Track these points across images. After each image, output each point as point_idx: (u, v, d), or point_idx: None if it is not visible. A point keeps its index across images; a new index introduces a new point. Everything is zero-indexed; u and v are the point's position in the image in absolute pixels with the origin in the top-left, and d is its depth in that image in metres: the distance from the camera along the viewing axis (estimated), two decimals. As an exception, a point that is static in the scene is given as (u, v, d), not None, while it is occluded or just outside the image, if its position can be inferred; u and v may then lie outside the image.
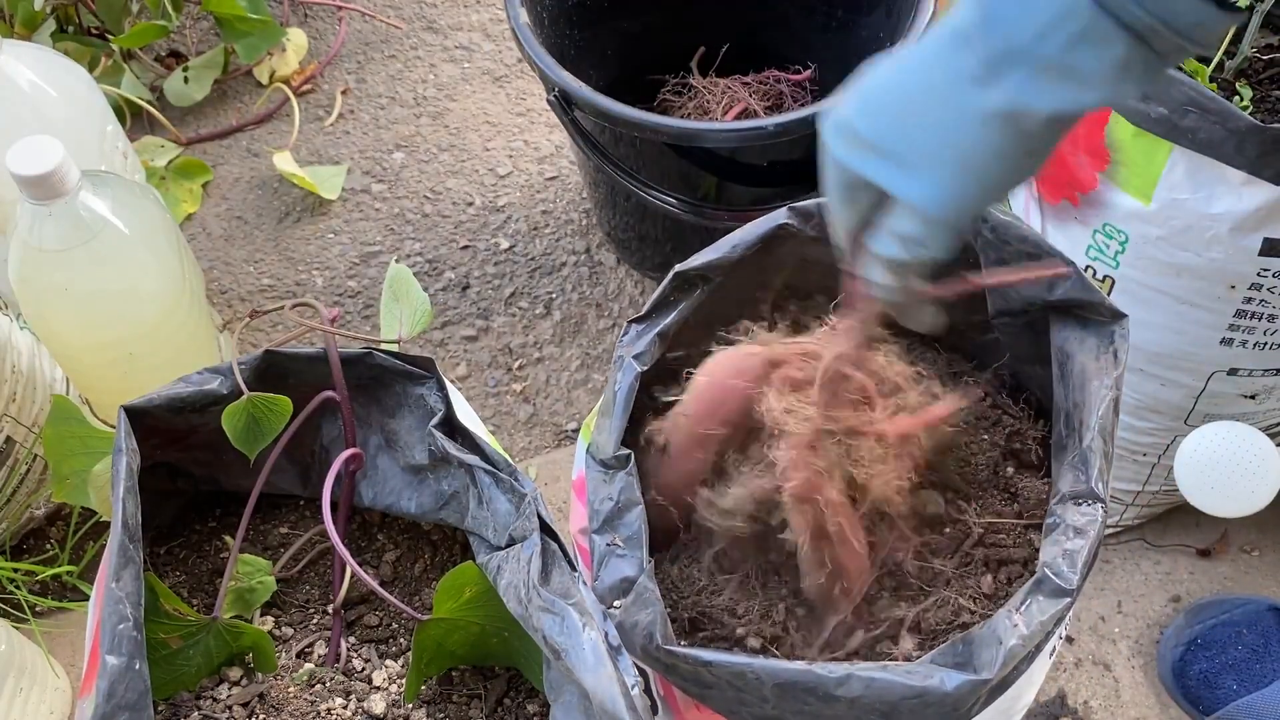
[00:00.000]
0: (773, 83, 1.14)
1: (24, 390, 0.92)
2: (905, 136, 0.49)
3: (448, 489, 0.69)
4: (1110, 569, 0.99)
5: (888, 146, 0.50)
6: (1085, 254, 0.81)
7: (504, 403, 1.12)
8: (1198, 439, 0.78)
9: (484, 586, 0.65)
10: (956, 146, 0.48)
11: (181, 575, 0.74)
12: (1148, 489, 0.95)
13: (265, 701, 0.67)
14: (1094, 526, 0.58)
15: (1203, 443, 0.78)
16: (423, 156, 1.30)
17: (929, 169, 0.49)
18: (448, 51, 1.40)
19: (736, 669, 0.55)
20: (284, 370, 0.70)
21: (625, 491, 0.61)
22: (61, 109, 0.94)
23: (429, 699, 0.69)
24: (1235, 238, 0.73)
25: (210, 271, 1.21)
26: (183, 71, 1.33)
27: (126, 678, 0.56)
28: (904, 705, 0.53)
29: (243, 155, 1.31)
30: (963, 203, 0.50)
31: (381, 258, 1.21)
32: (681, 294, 0.68)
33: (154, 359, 0.90)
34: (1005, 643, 0.53)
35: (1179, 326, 0.80)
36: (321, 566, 0.75)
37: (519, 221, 1.24)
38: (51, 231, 0.81)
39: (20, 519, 0.97)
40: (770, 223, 0.68)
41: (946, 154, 0.48)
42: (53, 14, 1.25)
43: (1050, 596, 0.55)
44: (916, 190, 0.50)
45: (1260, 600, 0.93)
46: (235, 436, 0.67)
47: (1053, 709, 0.92)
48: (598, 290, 1.18)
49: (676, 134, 0.93)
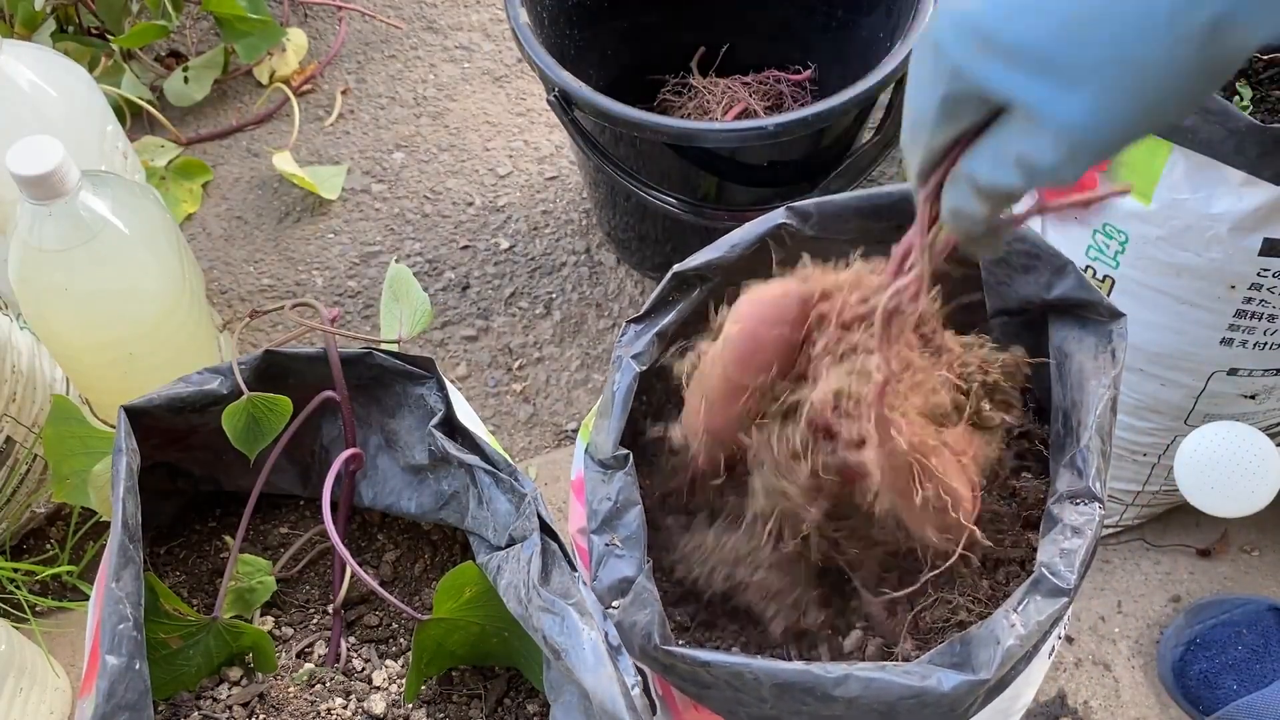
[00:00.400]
0: (773, 83, 1.15)
1: (24, 390, 0.92)
2: (1070, 44, 0.42)
3: (448, 489, 0.69)
4: (1110, 569, 0.99)
5: (1042, 55, 0.42)
6: (1085, 254, 0.81)
7: (504, 403, 1.12)
8: (1198, 439, 0.78)
9: (484, 586, 0.65)
10: (1137, 61, 0.41)
11: (181, 575, 0.74)
12: (1148, 489, 0.95)
13: (265, 701, 0.67)
14: (1091, 526, 0.58)
15: (1203, 443, 0.78)
16: (423, 156, 1.30)
17: (1094, 85, 0.42)
18: (448, 51, 1.40)
19: (734, 669, 0.55)
20: (284, 370, 0.70)
21: (624, 491, 0.61)
22: (61, 109, 0.94)
23: (429, 699, 0.69)
24: (1235, 238, 0.73)
25: (210, 271, 1.21)
26: (183, 71, 1.33)
27: (126, 678, 0.57)
28: (902, 705, 0.53)
29: (243, 155, 1.31)
30: (1126, 127, 0.43)
31: (381, 258, 1.21)
32: (680, 294, 0.68)
33: (154, 359, 0.90)
34: (1003, 643, 0.53)
35: (1179, 326, 0.80)
36: (321, 566, 0.75)
37: (519, 221, 1.24)
38: (51, 231, 0.81)
39: (20, 519, 0.97)
40: (768, 223, 0.68)
41: (1121, 68, 0.41)
42: (53, 14, 1.25)
43: (1048, 596, 0.55)
44: (1071, 109, 0.42)
45: (1260, 600, 0.93)
46: (235, 436, 0.68)
47: (1053, 709, 0.92)
48: (598, 290, 1.18)
49: (676, 134, 0.93)
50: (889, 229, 0.70)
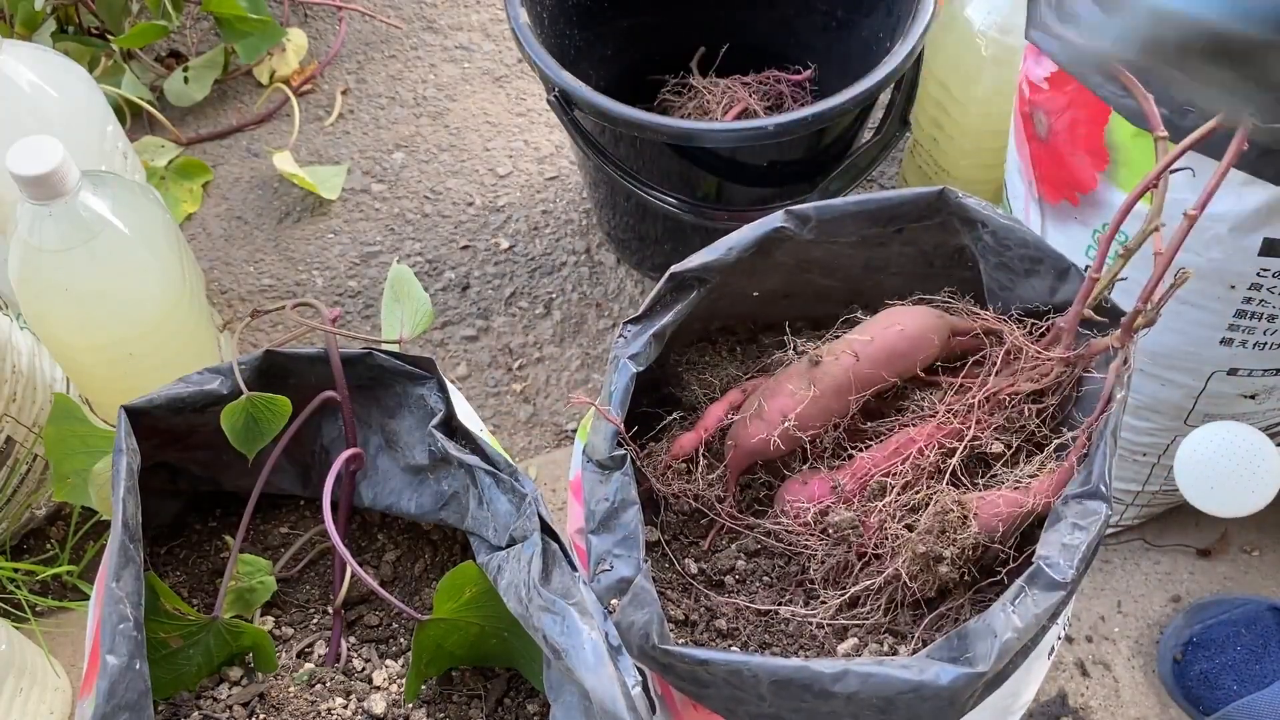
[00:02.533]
0: (773, 83, 1.14)
1: (24, 390, 0.92)
2: None
3: (448, 489, 0.69)
4: (1110, 569, 0.99)
5: None
6: (1085, 254, 0.81)
7: (504, 403, 1.12)
8: (1198, 439, 0.78)
9: (484, 586, 0.65)
10: None
11: (181, 575, 0.74)
12: (1148, 489, 0.95)
13: (265, 701, 0.67)
14: (1096, 525, 0.58)
15: (1203, 443, 0.78)
16: (423, 156, 1.30)
17: None
18: (448, 51, 1.40)
19: (733, 667, 0.55)
20: (284, 370, 0.70)
21: (621, 492, 0.62)
22: (61, 109, 0.94)
23: (429, 699, 0.69)
24: (1235, 238, 0.73)
25: (210, 271, 1.21)
26: (183, 71, 1.33)
27: (126, 678, 0.57)
28: (900, 700, 0.53)
29: (243, 155, 1.31)
30: None
31: (381, 258, 1.21)
32: (677, 295, 0.68)
33: (154, 359, 0.90)
34: (1000, 636, 0.53)
35: (1179, 326, 0.80)
36: (321, 566, 0.75)
37: (519, 221, 1.24)
38: (51, 231, 0.81)
39: (20, 519, 0.97)
40: (767, 225, 0.68)
41: None
42: (53, 14, 1.25)
43: (1045, 590, 0.55)
44: None
45: (1260, 600, 0.93)
46: (234, 436, 0.68)
47: (1053, 709, 0.92)
48: (598, 290, 1.18)
49: (676, 134, 0.93)
50: (887, 234, 0.70)
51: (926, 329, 0.65)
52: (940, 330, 0.65)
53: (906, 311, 0.66)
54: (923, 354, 0.65)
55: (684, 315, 0.68)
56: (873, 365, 0.64)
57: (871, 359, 0.64)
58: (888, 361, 0.65)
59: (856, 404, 0.65)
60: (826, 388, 0.65)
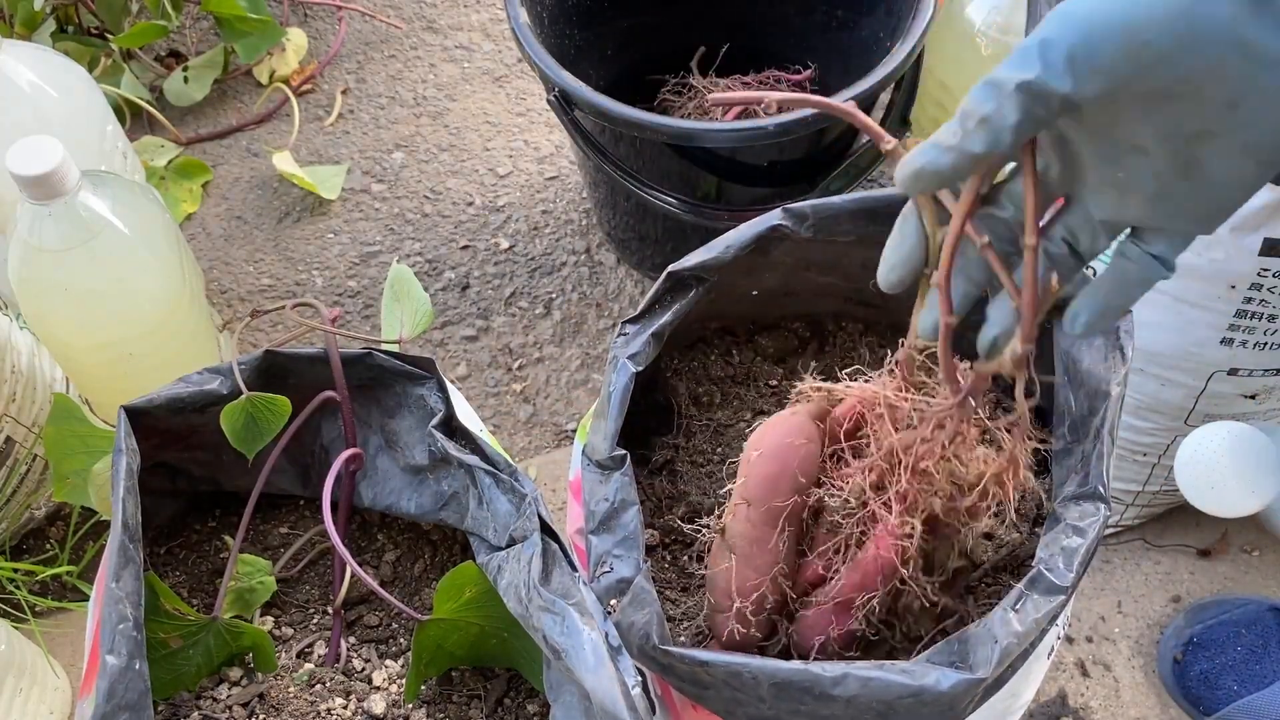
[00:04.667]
0: (773, 83, 1.14)
1: (24, 390, 0.92)
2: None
3: (448, 489, 0.69)
4: (1110, 569, 0.99)
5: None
6: (1085, 254, 0.81)
7: (504, 403, 1.12)
8: (1198, 439, 0.78)
9: (484, 586, 0.65)
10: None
11: (181, 575, 0.74)
12: (1148, 489, 0.95)
13: (265, 701, 0.67)
14: (1095, 527, 0.57)
15: (1203, 443, 0.78)
16: (423, 156, 1.30)
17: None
18: (448, 51, 1.40)
19: (733, 669, 0.55)
20: (284, 370, 0.70)
21: (621, 492, 0.61)
22: (61, 109, 0.94)
23: (429, 699, 0.69)
24: (1235, 238, 0.73)
25: (210, 271, 1.21)
26: (183, 71, 1.33)
27: (126, 678, 0.57)
28: (900, 704, 0.53)
29: (243, 155, 1.31)
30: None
31: (381, 258, 1.21)
32: (676, 294, 0.68)
33: (154, 359, 0.90)
34: (1000, 641, 0.53)
35: (1179, 326, 0.80)
36: (321, 566, 0.75)
37: (519, 221, 1.24)
38: (51, 231, 0.81)
39: (20, 519, 0.97)
40: (764, 223, 0.68)
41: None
42: (53, 14, 1.25)
43: (1044, 594, 0.55)
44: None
45: (1260, 600, 0.93)
46: (233, 436, 0.68)
47: (1053, 709, 0.92)
48: (598, 290, 1.18)
49: (676, 134, 0.93)
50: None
51: (783, 437, 0.59)
52: (802, 429, 0.60)
53: (761, 432, 0.61)
54: (798, 460, 0.59)
55: (683, 314, 0.68)
56: (764, 499, 0.59)
57: (758, 496, 0.59)
58: (773, 487, 0.59)
59: (788, 539, 0.60)
60: (742, 548, 0.60)
